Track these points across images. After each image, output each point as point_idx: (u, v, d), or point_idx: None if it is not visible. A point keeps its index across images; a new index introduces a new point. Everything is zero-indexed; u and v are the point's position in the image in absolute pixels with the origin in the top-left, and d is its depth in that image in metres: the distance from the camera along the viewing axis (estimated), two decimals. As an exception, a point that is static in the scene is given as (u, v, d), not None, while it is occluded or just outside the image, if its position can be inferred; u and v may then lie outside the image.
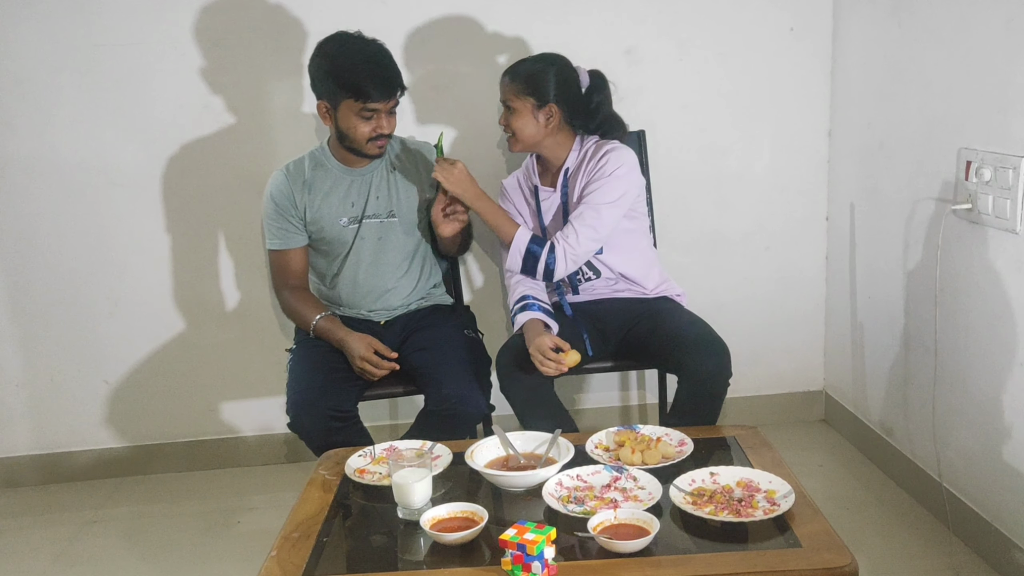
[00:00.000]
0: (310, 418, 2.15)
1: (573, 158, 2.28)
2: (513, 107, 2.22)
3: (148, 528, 2.61)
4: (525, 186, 2.38)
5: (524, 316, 2.22)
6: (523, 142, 2.25)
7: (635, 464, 1.75)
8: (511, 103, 2.23)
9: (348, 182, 2.34)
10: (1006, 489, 2.03)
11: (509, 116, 2.24)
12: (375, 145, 2.24)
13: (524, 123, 2.22)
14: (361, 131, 2.21)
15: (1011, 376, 1.98)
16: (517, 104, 2.22)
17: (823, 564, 1.40)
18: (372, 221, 2.34)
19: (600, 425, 1.96)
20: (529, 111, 2.21)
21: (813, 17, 2.73)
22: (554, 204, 2.31)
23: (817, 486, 2.54)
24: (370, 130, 2.21)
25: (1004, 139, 1.94)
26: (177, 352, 2.85)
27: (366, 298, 2.39)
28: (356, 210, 2.33)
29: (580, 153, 2.29)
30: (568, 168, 2.28)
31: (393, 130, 2.26)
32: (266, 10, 2.63)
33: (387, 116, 2.22)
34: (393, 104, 2.22)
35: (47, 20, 2.59)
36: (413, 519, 1.61)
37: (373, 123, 2.21)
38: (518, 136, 2.24)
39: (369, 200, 2.33)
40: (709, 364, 2.07)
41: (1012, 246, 1.94)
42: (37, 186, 2.70)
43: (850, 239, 2.72)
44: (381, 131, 2.22)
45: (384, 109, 2.20)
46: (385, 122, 2.22)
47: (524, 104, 2.21)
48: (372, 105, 2.17)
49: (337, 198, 2.33)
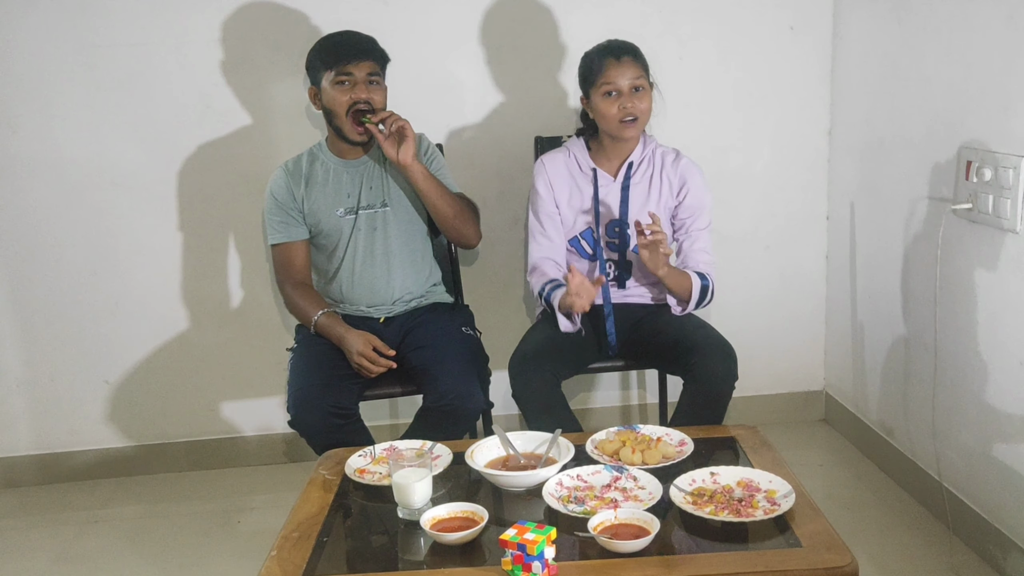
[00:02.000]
0: (311, 415, 2.16)
1: (638, 152, 2.27)
2: (644, 87, 2.15)
3: (148, 528, 2.61)
4: (576, 168, 2.30)
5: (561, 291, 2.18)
6: (641, 127, 2.19)
7: (635, 464, 1.75)
8: (641, 84, 2.14)
9: (343, 174, 2.36)
10: (1006, 489, 2.03)
11: (639, 97, 2.14)
12: (356, 131, 2.25)
13: (649, 103, 2.15)
14: (340, 101, 2.23)
15: (1011, 376, 1.98)
16: (646, 83, 2.16)
17: (823, 564, 1.40)
18: (367, 211, 2.35)
19: (600, 425, 1.96)
20: (649, 91, 2.16)
21: (813, 16, 2.73)
22: (612, 192, 2.27)
23: (817, 486, 2.54)
24: (347, 99, 2.23)
25: (1004, 138, 1.94)
26: (177, 352, 2.85)
27: (365, 291, 2.39)
28: (352, 201, 2.35)
29: (646, 151, 2.28)
30: (632, 162, 2.26)
31: (376, 104, 2.25)
32: (268, 10, 2.62)
33: (364, 85, 2.23)
34: (369, 71, 2.23)
35: (49, 20, 2.59)
36: (413, 519, 1.61)
37: (349, 91, 2.22)
38: (641, 121, 2.16)
39: (363, 191, 2.35)
40: (718, 368, 2.07)
41: (1012, 246, 1.94)
42: (38, 186, 2.70)
43: (850, 238, 2.72)
44: (358, 98, 2.22)
45: (359, 75, 2.22)
46: (362, 89, 2.23)
47: (647, 84, 2.16)
48: (345, 68, 2.20)
49: (333, 189, 2.35)
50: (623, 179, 2.27)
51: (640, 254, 2.08)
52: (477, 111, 2.73)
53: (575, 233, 2.32)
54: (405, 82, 2.66)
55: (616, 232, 2.29)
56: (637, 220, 2.09)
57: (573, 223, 2.32)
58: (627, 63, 2.15)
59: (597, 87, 2.17)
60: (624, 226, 2.27)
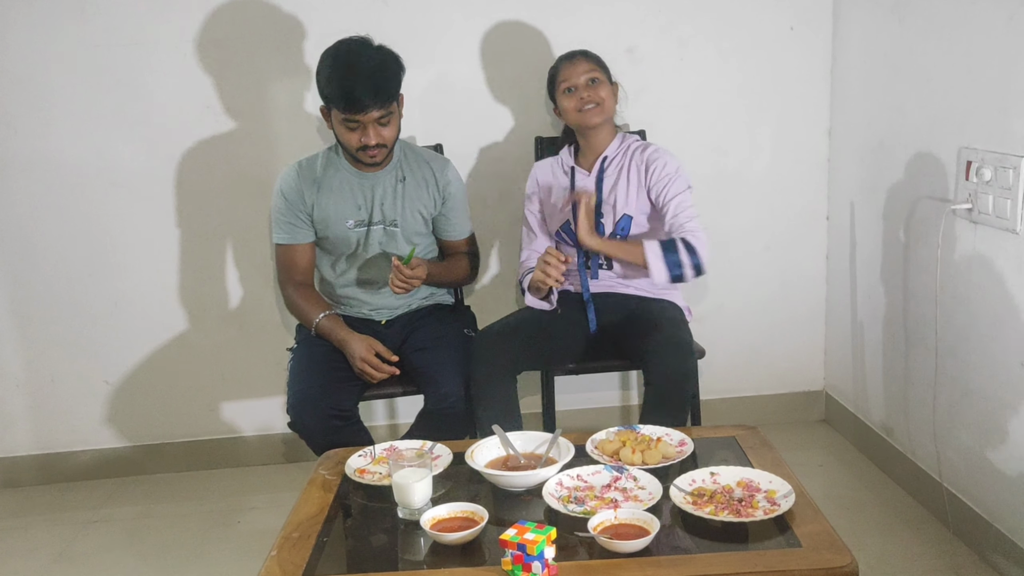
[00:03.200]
0: (310, 417, 2.16)
1: (613, 148, 2.36)
2: (599, 79, 2.30)
3: (148, 528, 2.61)
4: (558, 168, 2.44)
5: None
6: (606, 112, 2.31)
7: (635, 464, 1.75)
8: (596, 76, 2.30)
9: (357, 185, 2.32)
10: (1006, 489, 2.03)
11: (595, 88, 2.29)
12: (367, 155, 2.21)
13: (608, 93, 2.31)
14: (348, 140, 2.19)
15: (1011, 376, 1.98)
16: (601, 76, 2.31)
17: (823, 564, 1.40)
18: (377, 227, 2.33)
19: (600, 425, 1.96)
20: (608, 84, 2.32)
21: (813, 16, 2.73)
22: (587, 186, 2.36)
23: (817, 486, 2.54)
24: (356, 140, 2.17)
25: (1005, 139, 1.94)
26: (177, 352, 2.85)
27: (368, 296, 2.39)
28: (363, 214, 2.32)
29: (621, 146, 2.37)
30: (606, 156, 2.35)
31: (387, 141, 2.20)
32: (267, 10, 2.62)
33: (374, 127, 2.15)
34: (378, 116, 2.14)
35: (48, 20, 2.59)
36: (413, 519, 1.61)
37: (359, 133, 2.16)
38: (605, 105, 2.30)
39: (375, 206, 2.32)
40: (670, 366, 2.08)
41: (1012, 246, 1.94)
42: (37, 186, 2.70)
43: (850, 238, 2.72)
44: (367, 142, 2.17)
45: (367, 121, 2.14)
46: (372, 133, 2.16)
47: (603, 77, 2.31)
48: (353, 117, 2.13)
49: (345, 199, 2.31)
50: (597, 172, 2.35)
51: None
52: (477, 111, 2.73)
53: (556, 227, 2.40)
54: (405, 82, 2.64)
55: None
56: (576, 193, 2.22)
57: (553, 218, 2.41)
58: (579, 60, 2.32)
59: (559, 90, 2.33)
60: (598, 216, 2.32)
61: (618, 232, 2.31)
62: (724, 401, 2.96)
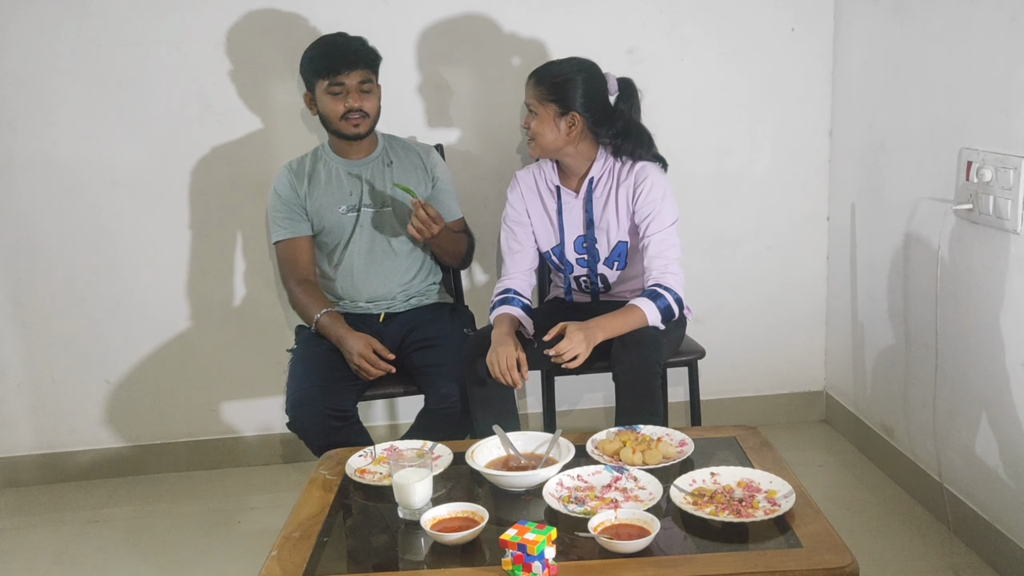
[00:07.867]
0: (309, 418, 2.16)
1: (598, 168, 2.24)
2: (536, 112, 2.17)
3: (148, 528, 2.61)
4: (543, 184, 2.31)
5: (502, 309, 2.21)
6: (542, 148, 2.19)
7: (636, 464, 1.75)
8: (533, 108, 2.17)
9: (345, 173, 2.40)
10: (1006, 489, 2.03)
11: (531, 120, 2.19)
12: (350, 124, 2.30)
13: (545, 129, 2.16)
14: (334, 109, 2.29)
15: (1011, 376, 1.98)
16: (540, 109, 2.16)
17: (823, 564, 1.40)
18: (368, 210, 2.39)
19: (600, 425, 1.96)
20: (551, 118, 2.16)
21: (814, 17, 2.73)
22: (575, 209, 2.27)
23: (817, 486, 2.54)
24: (342, 107, 2.28)
25: (1005, 139, 1.94)
26: (178, 352, 2.85)
27: (365, 286, 2.40)
28: (354, 199, 2.39)
29: (606, 165, 2.24)
30: (592, 178, 2.25)
31: (369, 111, 2.31)
32: (268, 10, 2.62)
33: (357, 92, 2.28)
34: (360, 79, 2.28)
35: (48, 20, 2.59)
36: (413, 519, 1.61)
37: (342, 99, 2.28)
38: (538, 142, 2.18)
39: (364, 190, 2.39)
40: (632, 358, 2.06)
41: (1013, 246, 1.94)
42: (38, 186, 2.70)
43: (851, 239, 2.72)
44: (350, 106, 2.28)
45: (351, 84, 2.27)
46: (354, 98, 2.28)
47: (546, 110, 2.15)
48: (337, 79, 2.25)
49: (335, 187, 2.39)
50: (585, 194, 2.26)
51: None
52: (476, 111, 2.73)
53: (547, 248, 2.33)
54: (405, 82, 2.66)
55: (584, 248, 2.29)
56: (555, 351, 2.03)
57: (542, 237, 2.33)
58: (529, 85, 2.19)
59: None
60: (592, 241, 2.27)
61: (614, 259, 2.27)
62: (724, 401, 2.96)
